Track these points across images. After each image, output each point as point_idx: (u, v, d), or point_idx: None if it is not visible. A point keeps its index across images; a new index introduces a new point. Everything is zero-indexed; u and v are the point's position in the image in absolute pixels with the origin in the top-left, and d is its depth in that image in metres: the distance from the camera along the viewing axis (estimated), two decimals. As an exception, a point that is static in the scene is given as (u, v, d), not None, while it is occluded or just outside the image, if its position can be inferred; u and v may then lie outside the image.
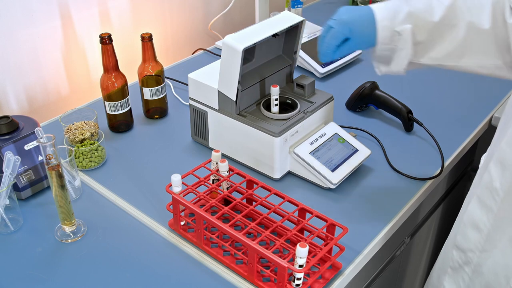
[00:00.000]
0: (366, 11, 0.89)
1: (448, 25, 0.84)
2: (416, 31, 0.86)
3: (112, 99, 1.17)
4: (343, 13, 0.90)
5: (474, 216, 0.82)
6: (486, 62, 0.85)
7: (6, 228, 0.95)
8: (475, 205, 0.82)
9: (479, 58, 0.85)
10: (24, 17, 1.22)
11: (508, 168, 0.74)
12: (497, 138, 0.82)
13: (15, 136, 0.99)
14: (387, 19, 0.87)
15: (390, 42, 0.88)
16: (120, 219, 0.99)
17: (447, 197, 1.43)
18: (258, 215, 0.92)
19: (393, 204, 1.03)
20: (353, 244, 0.92)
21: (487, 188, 0.78)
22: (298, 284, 0.81)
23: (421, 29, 0.86)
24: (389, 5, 0.88)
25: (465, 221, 0.85)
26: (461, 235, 0.86)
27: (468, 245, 0.84)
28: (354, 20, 0.89)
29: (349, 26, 0.89)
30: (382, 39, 0.88)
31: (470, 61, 0.86)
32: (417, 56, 0.89)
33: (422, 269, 1.52)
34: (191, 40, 1.68)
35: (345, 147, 1.09)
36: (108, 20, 1.41)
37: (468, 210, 0.83)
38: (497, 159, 0.76)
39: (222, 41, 1.02)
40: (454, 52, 0.86)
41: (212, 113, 1.10)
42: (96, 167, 1.12)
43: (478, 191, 0.81)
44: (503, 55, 0.83)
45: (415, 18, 0.86)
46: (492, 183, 0.77)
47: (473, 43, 0.84)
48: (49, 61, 1.31)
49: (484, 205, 0.79)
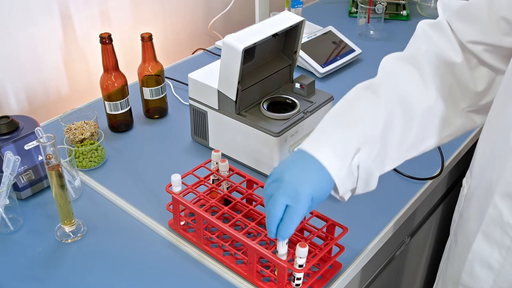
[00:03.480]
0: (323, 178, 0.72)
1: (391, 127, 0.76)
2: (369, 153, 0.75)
3: (112, 99, 1.17)
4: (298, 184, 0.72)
5: (483, 254, 0.74)
6: (445, 134, 0.82)
7: (6, 228, 0.95)
8: (482, 242, 0.73)
9: (436, 136, 0.82)
10: (24, 17, 1.22)
11: None
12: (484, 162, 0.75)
13: (15, 136, 0.99)
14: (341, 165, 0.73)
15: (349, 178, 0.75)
16: (120, 219, 0.99)
17: (447, 197, 1.43)
18: (258, 215, 0.92)
19: (393, 204, 1.03)
20: (353, 244, 0.92)
21: (496, 223, 0.70)
22: (298, 284, 0.81)
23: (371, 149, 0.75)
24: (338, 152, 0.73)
25: (470, 259, 0.76)
26: (467, 275, 0.77)
27: (479, 284, 0.76)
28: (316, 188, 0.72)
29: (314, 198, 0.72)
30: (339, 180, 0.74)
31: (430, 142, 0.82)
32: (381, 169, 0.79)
33: (422, 269, 1.52)
34: (191, 40, 1.68)
35: (345, 147, 1.09)
36: (108, 20, 1.41)
37: (474, 248, 0.75)
38: (503, 191, 0.68)
39: (222, 41, 1.02)
40: (411, 146, 0.80)
41: (212, 113, 1.10)
42: (96, 167, 1.12)
43: (482, 228, 0.73)
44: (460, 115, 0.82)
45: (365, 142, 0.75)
46: (502, 217, 0.69)
47: (424, 126, 0.79)
48: (49, 61, 1.31)
49: (494, 241, 0.71)
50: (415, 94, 0.79)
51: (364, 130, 0.75)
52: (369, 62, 1.54)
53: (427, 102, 0.79)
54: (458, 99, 0.81)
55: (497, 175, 0.69)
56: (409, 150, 0.80)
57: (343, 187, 0.75)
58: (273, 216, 0.72)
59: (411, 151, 0.81)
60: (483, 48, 0.76)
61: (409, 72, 0.80)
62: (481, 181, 0.75)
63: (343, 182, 0.74)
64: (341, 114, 0.78)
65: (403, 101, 0.78)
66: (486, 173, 0.73)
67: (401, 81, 0.80)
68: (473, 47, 0.77)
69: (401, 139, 0.78)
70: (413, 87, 0.79)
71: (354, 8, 1.83)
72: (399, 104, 0.77)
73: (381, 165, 0.78)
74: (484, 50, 0.77)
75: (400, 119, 0.77)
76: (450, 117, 0.81)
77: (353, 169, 0.74)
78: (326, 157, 0.72)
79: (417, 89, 0.79)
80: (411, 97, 0.78)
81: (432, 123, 0.81)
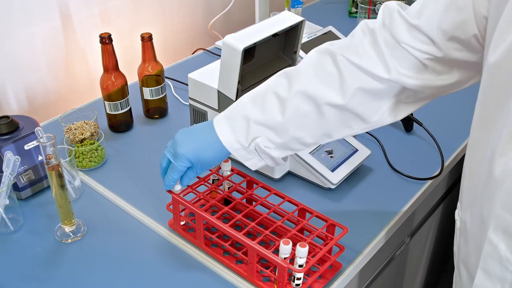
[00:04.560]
0: (210, 140, 0.83)
1: (300, 116, 0.80)
2: (270, 137, 0.82)
3: (112, 99, 1.17)
4: (180, 144, 0.84)
5: None
6: (361, 127, 0.82)
7: (6, 228, 0.95)
8: (483, 279, 0.70)
9: (350, 128, 0.82)
10: (24, 17, 1.22)
11: None
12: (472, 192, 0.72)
13: (15, 136, 0.99)
14: (235, 141, 0.82)
15: (252, 156, 0.84)
16: (120, 219, 0.99)
17: (447, 197, 1.43)
18: (258, 215, 0.92)
19: (393, 204, 1.03)
20: (353, 244, 0.92)
21: (494, 259, 0.67)
22: (298, 284, 0.81)
23: (273, 133, 0.82)
24: (234, 124, 0.83)
25: None
26: None
27: None
28: (197, 151, 0.84)
29: (190, 159, 0.84)
30: (242, 158, 0.84)
31: (344, 132, 0.83)
32: (289, 150, 0.84)
33: (422, 269, 1.52)
34: (191, 40, 1.68)
35: (345, 147, 1.09)
36: (108, 20, 1.41)
37: (475, 285, 0.71)
38: (496, 226, 0.65)
39: (222, 41, 1.02)
40: (324, 133, 0.82)
41: (212, 113, 1.10)
42: (96, 167, 1.12)
43: (481, 264, 0.69)
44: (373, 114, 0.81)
45: (261, 127, 0.81)
46: (500, 253, 0.66)
47: (337, 119, 0.80)
48: (49, 61, 1.31)
49: (495, 277, 0.68)
50: (327, 93, 0.79)
51: (268, 120, 0.81)
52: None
53: (339, 101, 0.79)
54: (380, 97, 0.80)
55: (487, 209, 0.66)
56: (320, 139, 0.84)
57: (248, 162, 0.85)
58: (160, 166, 0.89)
59: (323, 139, 0.84)
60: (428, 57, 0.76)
61: (327, 71, 0.80)
62: (472, 215, 0.73)
63: (242, 156, 0.84)
64: (255, 98, 0.83)
65: (314, 98, 0.79)
66: (476, 207, 0.71)
67: (315, 78, 0.80)
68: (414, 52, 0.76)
69: (309, 131, 0.82)
70: (327, 86, 0.79)
71: (354, 8, 1.83)
72: (309, 100, 0.79)
73: (286, 148, 0.84)
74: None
75: (308, 115, 0.80)
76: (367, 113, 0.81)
77: (251, 150, 0.83)
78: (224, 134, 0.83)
79: (331, 88, 0.79)
80: (323, 94, 0.79)
81: (345, 118, 0.81)
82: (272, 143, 0.82)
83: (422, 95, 0.80)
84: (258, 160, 0.85)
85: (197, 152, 0.84)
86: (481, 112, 0.69)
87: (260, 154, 0.83)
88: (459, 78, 0.77)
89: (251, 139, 0.82)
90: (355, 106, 0.79)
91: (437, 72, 0.76)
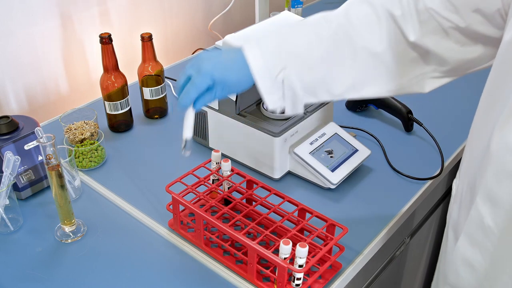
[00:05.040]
0: (237, 60, 0.79)
1: (336, 57, 0.79)
2: (301, 73, 0.78)
3: (112, 99, 1.17)
4: (206, 60, 0.80)
5: (466, 255, 0.74)
6: (390, 85, 0.81)
7: (6, 228, 0.95)
8: (465, 243, 0.74)
9: (382, 83, 0.81)
10: (24, 17, 1.22)
11: (499, 205, 0.67)
12: (470, 164, 0.75)
13: (15, 136, 0.99)
14: (264, 67, 0.78)
15: (276, 91, 0.79)
16: (120, 219, 0.99)
17: (447, 197, 1.43)
18: (258, 215, 0.92)
19: (393, 204, 1.03)
20: (353, 244, 0.92)
21: (478, 226, 0.70)
22: (298, 284, 0.81)
23: (305, 69, 0.79)
24: (265, 49, 0.79)
25: (455, 259, 0.77)
26: (453, 274, 0.78)
27: (462, 283, 0.76)
28: (222, 70, 0.79)
29: (213, 77, 0.79)
30: (265, 90, 0.79)
31: (373, 89, 0.81)
32: (312, 96, 0.81)
33: (422, 269, 1.52)
34: (191, 40, 1.68)
35: (345, 147, 1.09)
36: (108, 20, 1.41)
37: (458, 248, 0.75)
38: (484, 195, 0.68)
39: (222, 41, 1.02)
40: (353, 84, 0.81)
41: (212, 113, 1.10)
42: (96, 167, 1.12)
43: (466, 228, 0.73)
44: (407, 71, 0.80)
45: (295, 59, 0.78)
46: (483, 220, 0.69)
47: (371, 69, 0.79)
48: (49, 61, 1.31)
49: (476, 244, 0.72)
50: (366, 37, 0.79)
51: (302, 52, 0.78)
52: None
53: (376, 48, 0.79)
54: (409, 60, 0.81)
55: (479, 178, 0.69)
56: (348, 90, 0.82)
57: (268, 96, 0.79)
58: (178, 83, 0.82)
59: (350, 91, 0.82)
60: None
61: (367, 16, 0.80)
62: (466, 183, 0.76)
63: (266, 88, 0.79)
64: (291, 31, 0.81)
65: (352, 39, 0.79)
66: (470, 176, 0.74)
67: (357, 21, 0.80)
68: None
69: (339, 75, 0.80)
70: (366, 29, 0.79)
71: (354, 8, 1.83)
72: (347, 41, 0.79)
73: (310, 92, 0.81)
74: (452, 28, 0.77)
75: (343, 56, 0.79)
76: (396, 72, 0.81)
77: (278, 82, 0.79)
78: (252, 56, 0.78)
79: (370, 32, 0.79)
80: (361, 38, 0.79)
81: (376, 70, 0.80)
82: (300, 80, 0.79)
83: (447, 67, 0.80)
84: (279, 98, 0.80)
85: (222, 70, 0.79)
86: (490, 88, 0.71)
87: (284, 90, 0.79)
88: (483, 53, 0.78)
89: (280, 69, 0.78)
90: (388, 59, 0.79)
91: (460, 43, 0.77)
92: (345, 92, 0.81)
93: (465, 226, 0.73)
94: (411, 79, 0.81)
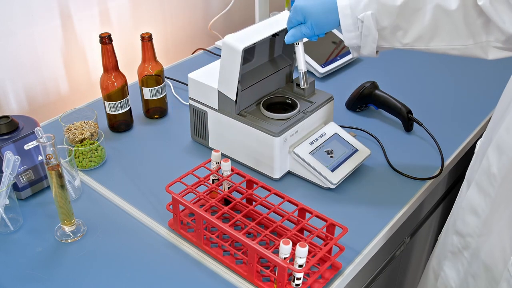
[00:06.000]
0: (330, 12, 0.90)
1: (413, 9, 0.85)
2: (379, 17, 0.87)
3: (112, 99, 1.17)
4: (296, 4, 0.93)
5: (473, 202, 0.83)
6: (456, 43, 0.86)
7: (6, 228, 0.95)
8: (474, 191, 0.82)
9: (448, 40, 0.86)
10: (24, 17, 1.22)
11: (505, 153, 0.75)
12: (494, 123, 0.82)
13: (15, 136, 0.99)
14: (348, 6, 0.88)
15: (354, 29, 0.90)
16: (120, 219, 0.99)
17: (447, 197, 1.43)
18: (258, 215, 0.92)
19: (393, 204, 1.03)
20: (353, 244, 0.92)
21: (485, 173, 0.79)
22: (298, 284, 0.81)
23: (384, 14, 0.87)
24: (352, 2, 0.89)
25: (464, 206, 0.85)
26: (460, 221, 0.87)
27: (467, 230, 0.85)
28: (311, 7, 0.91)
29: (303, 13, 0.92)
30: (345, 27, 0.90)
31: (440, 43, 0.87)
32: (385, 41, 0.90)
33: (422, 269, 1.52)
34: (191, 40, 1.68)
35: (345, 147, 1.09)
36: (108, 20, 1.41)
37: (467, 196, 0.84)
38: (495, 144, 0.77)
39: (222, 41, 1.02)
40: (423, 36, 0.87)
41: (212, 113, 1.10)
42: (96, 167, 1.12)
43: (476, 177, 0.82)
44: (474, 35, 0.84)
45: (377, 4, 0.87)
46: (490, 168, 0.78)
47: (441, 25, 0.85)
48: (49, 61, 1.31)
49: (482, 191, 0.80)
50: None
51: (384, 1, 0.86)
52: (369, 62, 1.55)
53: (450, 6, 0.83)
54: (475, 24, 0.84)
55: (495, 133, 0.77)
56: (417, 40, 0.88)
57: (347, 33, 0.91)
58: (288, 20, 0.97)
59: (418, 42, 0.88)
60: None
61: None
62: (487, 136, 0.83)
63: (347, 25, 0.90)
64: None
65: None
66: (491, 130, 0.81)
67: None
68: None
69: (413, 26, 0.87)
70: None
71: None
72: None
73: (384, 37, 0.89)
74: None
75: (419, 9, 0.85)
76: (464, 33, 0.85)
77: (358, 21, 0.88)
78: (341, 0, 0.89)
79: None
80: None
81: (446, 27, 0.85)
82: (378, 23, 0.88)
83: (505, 38, 0.82)
84: (356, 36, 0.90)
85: (310, 6, 0.91)
86: None
87: (363, 29, 0.89)
88: None
89: (362, 9, 0.87)
90: (458, 19, 0.83)
91: None
92: (414, 42, 0.88)
93: (476, 175, 0.81)
94: (476, 43, 0.85)
